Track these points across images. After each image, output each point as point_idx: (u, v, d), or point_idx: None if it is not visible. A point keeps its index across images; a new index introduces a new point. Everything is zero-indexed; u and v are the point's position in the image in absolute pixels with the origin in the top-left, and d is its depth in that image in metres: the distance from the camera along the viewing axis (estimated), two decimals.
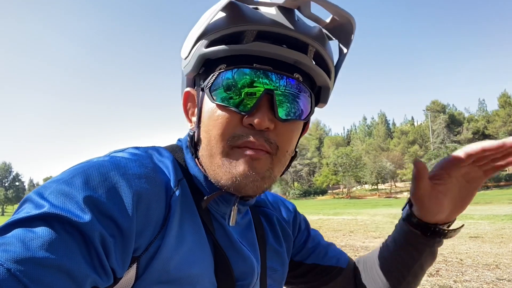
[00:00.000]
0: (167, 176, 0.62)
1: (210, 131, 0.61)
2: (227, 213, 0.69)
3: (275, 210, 0.89)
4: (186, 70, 0.67)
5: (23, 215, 0.46)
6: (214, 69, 0.62)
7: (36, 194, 0.49)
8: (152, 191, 0.56)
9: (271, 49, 0.58)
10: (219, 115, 0.60)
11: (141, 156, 0.61)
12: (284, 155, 0.64)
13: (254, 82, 0.59)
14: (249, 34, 0.59)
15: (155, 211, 0.56)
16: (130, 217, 0.51)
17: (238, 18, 0.59)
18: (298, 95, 0.62)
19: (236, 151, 0.60)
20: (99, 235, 0.47)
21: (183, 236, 0.60)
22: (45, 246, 0.43)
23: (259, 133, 0.59)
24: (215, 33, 0.60)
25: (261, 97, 0.58)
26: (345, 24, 0.64)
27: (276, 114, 0.59)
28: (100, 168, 0.53)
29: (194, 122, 0.68)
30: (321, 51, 0.63)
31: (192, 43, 0.64)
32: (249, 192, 0.62)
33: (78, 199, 0.48)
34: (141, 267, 0.54)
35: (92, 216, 0.47)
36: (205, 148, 0.63)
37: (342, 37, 0.67)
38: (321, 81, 0.66)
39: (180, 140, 0.75)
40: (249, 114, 0.59)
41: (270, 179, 0.63)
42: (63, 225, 0.46)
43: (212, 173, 0.63)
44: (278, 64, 0.60)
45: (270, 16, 0.60)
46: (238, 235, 0.72)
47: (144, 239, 0.54)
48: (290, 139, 0.64)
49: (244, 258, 0.69)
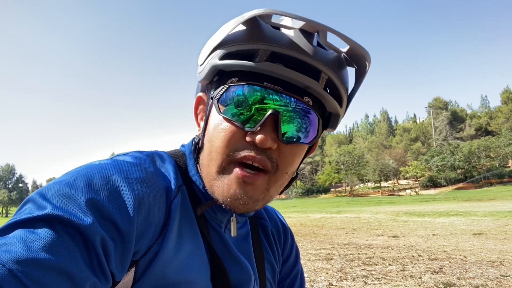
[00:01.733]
0: (168, 181, 0.62)
1: (213, 142, 0.62)
2: (224, 221, 0.70)
3: (272, 224, 0.89)
4: (200, 77, 0.67)
5: (25, 216, 0.46)
6: (225, 80, 0.62)
7: (39, 195, 0.49)
8: (153, 196, 0.56)
9: (281, 71, 0.58)
10: (224, 128, 0.60)
11: (143, 161, 0.61)
12: (283, 176, 0.63)
13: (263, 100, 0.59)
14: (262, 53, 0.59)
15: (156, 215, 0.56)
16: (131, 221, 0.51)
17: (255, 35, 0.59)
18: (305, 118, 0.61)
19: (232, 168, 0.60)
20: (100, 238, 0.47)
21: (181, 242, 0.60)
22: (46, 248, 0.43)
23: (261, 151, 0.59)
24: (231, 46, 0.61)
25: (267, 116, 0.58)
26: (360, 57, 0.64)
27: (279, 135, 0.59)
28: (103, 171, 0.53)
29: (201, 128, 0.68)
30: (334, 79, 0.62)
31: (208, 52, 0.64)
32: (240, 212, 0.62)
33: (80, 201, 0.48)
34: (139, 271, 0.54)
35: (93, 219, 0.48)
36: (205, 157, 0.64)
37: (358, 68, 0.67)
38: (332, 108, 0.65)
39: (183, 146, 0.75)
40: (253, 132, 0.58)
41: (264, 200, 0.62)
42: (64, 227, 0.46)
43: (208, 183, 0.63)
44: (289, 86, 0.59)
45: (288, 38, 0.60)
46: (235, 245, 0.72)
47: (144, 243, 0.54)
48: (291, 161, 0.63)
49: (241, 266, 0.69)
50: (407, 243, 8.44)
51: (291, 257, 0.91)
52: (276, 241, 0.87)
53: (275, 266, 0.83)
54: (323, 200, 49.54)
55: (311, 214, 19.89)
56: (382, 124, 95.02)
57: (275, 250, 0.85)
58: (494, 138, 59.42)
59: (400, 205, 26.01)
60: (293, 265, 0.91)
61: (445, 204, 23.49)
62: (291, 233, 0.94)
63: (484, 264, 5.82)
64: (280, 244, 0.89)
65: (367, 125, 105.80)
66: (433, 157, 59.02)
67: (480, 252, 6.89)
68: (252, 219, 0.83)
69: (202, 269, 0.62)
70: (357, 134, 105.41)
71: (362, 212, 19.41)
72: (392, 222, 13.57)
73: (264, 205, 0.64)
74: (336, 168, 68.77)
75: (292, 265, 0.91)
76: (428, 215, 14.97)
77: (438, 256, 6.63)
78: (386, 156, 68.38)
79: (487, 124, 77.11)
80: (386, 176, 67.10)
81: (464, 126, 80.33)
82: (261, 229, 0.85)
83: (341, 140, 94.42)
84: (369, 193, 60.69)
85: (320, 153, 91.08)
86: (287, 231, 0.92)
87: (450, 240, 8.48)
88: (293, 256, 0.92)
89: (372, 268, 5.90)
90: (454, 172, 57.36)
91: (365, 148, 79.80)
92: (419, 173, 62.17)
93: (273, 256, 0.84)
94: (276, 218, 0.91)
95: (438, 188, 53.25)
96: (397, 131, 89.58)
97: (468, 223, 11.70)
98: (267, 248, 0.83)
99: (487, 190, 41.92)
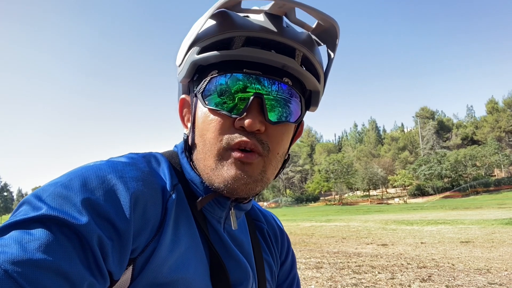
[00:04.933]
0: (163, 180, 0.63)
1: (205, 135, 0.63)
2: (223, 217, 0.70)
3: (268, 226, 0.89)
4: (180, 77, 0.68)
5: (21, 217, 0.46)
6: (206, 75, 0.63)
7: (34, 197, 0.49)
8: (149, 194, 0.57)
9: (259, 53, 0.60)
10: (212, 119, 0.62)
11: (138, 161, 0.62)
12: (275, 157, 0.65)
13: (245, 86, 0.61)
14: (238, 40, 0.61)
15: (152, 213, 0.57)
16: (127, 219, 0.51)
17: (227, 25, 0.61)
18: (288, 98, 0.64)
19: (229, 154, 0.61)
20: (96, 238, 0.47)
21: (178, 239, 0.60)
22: (42, 248, 0.43)
23: (251, 135, 0.61)
24: (206, 40, 0.62)
25: (251, 100, 0.60)
26: (330, 28, 0.66)
27: (266, 116, 0.61)
28: (98, 171, 0.54)
29: (189, 128, 0.69)
30: (309, 56, 0.65)
31: (184, 51, 0.66)
32: (242, 194, 0.62)
33: (76, 201, 0.48)
34: (137, 269, 0.55)
35: (89, 218, 0.48)
36: (200, 151, 0.64)
37: (329, 42, 0.69)
38: (311, 85, 0.67)
39: (176, 146, 0.76)
40: (240, 117, 0.60)
41: (262, 182, 0.64)
42: (60, 227, 0.46)
43: (206, 176, 0.64)
44: (267, 69, 0.62)
45: (258, 22, 0.62)
46: (233, 243, 0.72)
47: (141, 241, 0.55)
48: (281, 141, 0.65)
49: (239, 263, 0.69)
50: (396, 251, 8.47)
51: (288, 261, 0.91)
52: (273, 243, 0.86)
53: (273, 267, 0.84)
54: (312, 209, 49.53)
55: (301, 223, 19.83)
56: (371, 133, 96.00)
57: (273, 252, 0.85)
58: (480, 147, 60.57)
59: (388, 213, 26.18)
60: (290, 269, 0.91)
61: (432, 212, 23.70)
62: (287, 238, 0.94)
63: (472, 272, 5.87)
64: (277, 246, 0.88)
65: (356, 134, 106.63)
66: (421, 166, 59.74)
67: (467, 260, 6.95)
68: (250, 220, 0.83)
69: (200, 267, 0.62)
70: (346, 143, 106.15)
71: (352, 221, 19.46)
72: (381, 230, 13.63)
73: (263, 188, 0.65)
74: (326, 177, 69.03)
75: (288, 269, 0.91)
76: (417, 224, 15.07)
77: (427, 264, 6.67)
78: (375, 165, 68.98)
79: (473, 134, 78.43)
80: (374, 184, 67.68)
81: (451, 136, 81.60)
82: (259, 230, 0.85)
83: (330, 148, 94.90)
84: (358, 201, 61.01)
85: (309, 161, 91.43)
86: (284, 235, 0.92)
87: (438, 248, 8.55)
88: (290, 260, 0.92)
89: (362, 276, 5.91)
90: (441, 180, 58.16)
91: (354, 157, 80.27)
92: (407, 182, 62.83)
93: (271, 257, 0.84)
94: (273, 221, 0.91)
95: (426, 197, 53.87)
96: (385, 140, 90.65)
97: (456, 231, 11.81)
98: (265, 249, 0.83)
99: (473, 199, 42.52)
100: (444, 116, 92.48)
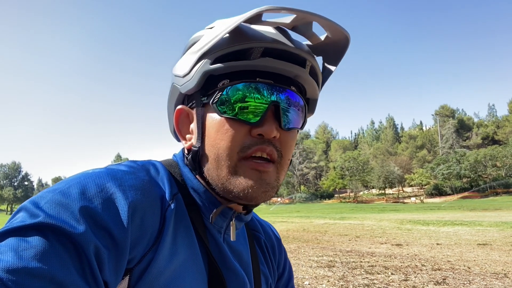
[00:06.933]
0: (162, 189, 0.63)
1: (218, 144, 0.63)
2: (223, 227, 0.70)
3: (266, 236, 0.89)
4: (187, 87, 0.67)
5: (17, 224, 0.46)
6: (215, 85, 0.64)
7: (32, 204, 0.49)
8: (148, 203, 0.57)
9: (277, 64, 0.63)
10: (228, 128, 0.62)
11: (137, 169, 0.62)
12: (286, 163, 0.67)
13: (260, 94, 0.62)
14: (256, 51, 0.62)
15: (150, 223, 0.56)
16: (125, 228, 0.51)
17: (243, 36, 0.63)
18: (296, 105, 0.67)
19: (245, 164, 0.62)
20: (93, 247, 0.47)
21: (176, 250, 0.60)
22: (38, 256, 0.43)
23: (267, 142, 0.62)
24: (220, 51, 0.63)
25: (268, 108, 0.62)
26: (340, 41, 0.69)
27: (281, 123, 0.63)
28: (96, 179, 0.54)
29: (188, 139, 0.70)
30: (316, 66, 0.69)
31: (194, 61, 0.65)
32: (260, 201, 0.64)
33: (74, 209, 0.48)
34: (133, 279, 0.54)
35: (87, 227, 0.47)
36: (212, 162, 0.64)
37: (331, 54, 0.72)
38: (312, 93, 0.71)
39: (175, 156, 0.76)
40: (258, 125, 0.62)
41: (276, 188, 0.66)
42: (57, 235, 0.45)
43: (221, 185, 0.64)
44: (277, 78, 0.64)
45: (271, 34, 0.65)
46: (232, 254, 0.72)
47: (138, 251, 0.54)
48: (291, 146, 0.68)
49: (236, 275, 0.69)
50: (410, 252, 8.35)
51: (285, 274, 0.91)
52: (270, 254, 0.86)
53: (269, 279, 0.83)
54: (326, 206, 49.33)
55: (314, 220, 19.79)
56: (388, 130, 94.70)
57: (269, 264, 0.85)
58: (501, 147, 58.94)
59: (404, 213, 25.82)
60: (287, 283, 0.92)
61: (450, 213, 23.27)
62: (284, 249, 0.94)
63: (488, 276, 5.74)
64: (274, 258, 0.88)
65: (372, 132, 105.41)
66: (439, 165, 58.63)
67: (484, 263, 6.80)
68: (248, 231, 0.83)
69: (198, 278, 0.62)
70: (362, 140, 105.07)
71: (366, 219, 19.27)
72: (396, 230, 13.46)
73: (275, 193, 0.67)
74: (341, 174, 68.49)
75: (286, 282, 0.91)
76: (433, 224, 14.83)
77: (442, 266, 6.56)
78: (391, 163, 68.01)
79: (494, 133, 76.56)
80: (391, 183, 66.73)
81: (471, 135, 79.78)
82: (256, 241, 0.85)
83: (346, 145, 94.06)
84: (373, 199, 60.45)
85: (324, 158, 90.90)
86: (281, 246, 0.92)
87: (454, 250, 8.38)
88: (287, 274, 0.92)
89: (374, 277, 5.85)
90: (459, 180, 56.95)
91: (370, 155, 79.50)
92: (424, 181, 61.83)
93: (268, 269, 0.84)
94: (270, 232, 0.91)
95: (443, 197, 52.93)
96: (403, 138, 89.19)
97: (473, 233, 11.56)
98: (262, 261, 0.83)
99: (493, 200, 41.53)
100: (465, 114, 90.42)
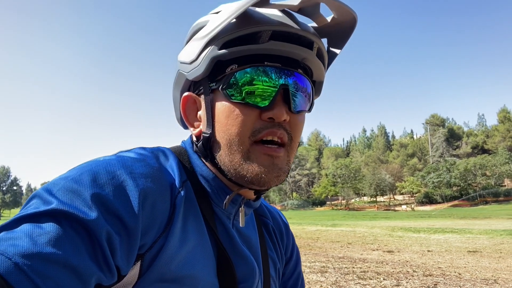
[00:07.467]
0: (172, 176, 0.63)
1: (229, 130, 0.63)
2: (233, 213, 0.71)
3: (274, 222, 0.90)
4: (194, 74, 0.66)
5: (32, 210, 0.47)
6: (224, 70, 0.64)
7: (45, 191, 0.50)
8: (158, 190, 0.57)
9: (286, 47, 0.62)
10: (238, 113, 0.62)
11: (147, 156, 0.63)
12: (295, 146, 0.68)
13: (269, 78, 0.62)
14: (265, 34, 0.61)
15: (160, 210, 0.57)
16: (136, 215, 0.52)
17: (251, 20, 0.62)
18: (304, 88, 0.67)
19: (257, 149, 0.63)
20: (105, 233, 0.48)
21: (186, 236, 0.61)
22: (52, 242, 0.44)
23: (278, 125, 0.63)
24: (228, 35, 0.62)
25: (278, 92, 0.62)
26: (348, 21, 0.68)
27: (290, 107, 0.63)
28: (108, 166, 0.55)
29: (196, 126, 0.70)
30: (322, 48, 0.68)
31: (201, 47, 0.65)
32: (273, 185, 0.64)
33: (86, 196, 0.49)
34: (145, 265, 0.55)
35: (99, 213, 0.48)
36: (224, 148, 0.64)
37: (338, 35, 0.72)
38: (318, 75, 0.71)
39: (184, 142, 0.76)
40: (268, 109, 0.62)
41: (287, 171, 0.66)
42: (70, 222, 0.47)
43: (234, 171, 0.64)
44: (285, 61, 0.64)
45: (279, 17, 0.63)
46: (241, 240, 0.73)
47: (149, 237, 0.55)
48: (300, 129, 0.68)
49: (245, 260, 0.69)
50: (402, 258, 8.42)
51: (293, 258, 0.92)
52: (278, 240, 0.88)
53: (278, 265, 0.84)
54: (318, 213, 49.32)
55: (307, 227, 19.79)
56: (380, 138, 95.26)
57: (277, 249, 0.86)
58: (490, 156, 59.64)
59: (395, 220, 25.96)
60: (295, 267, 0.93)
61: (440, 220, 23.46)
62: (292, 234, 0.95)
63: (479, 282, 5.82)
64: (282, 243, 0.90)
65: (364, 139, 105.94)
66: (429, 173, 59.08)
67: (474, 269, 6.88)
68: (256, 216, 0.84)
69: (207, 264, 0.63)
70: (354, 148, 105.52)
71: (358, 226, 19.33)
72: (388, 237, 13.54)
73: (286, 177, 0.67)
74: (333, 181, 68.61)
75: (293, 267, 0.92)
76: (424, 231, 14.93)
77: (433, 273, 6.62)
78: (383, 171, 68.38)
79: (483, 143, 77.39)
80: (382, 190, 67.06)
81: (461, 144, 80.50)
82: (264, 226, 0.86)
83: (338, 153, 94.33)
84: (365, 207, 60.54)
85: (317, 165, 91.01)
86: (289, 231, 0.93)
87: (445, 257, 8.47)
88: (294, 258, 0.93)
89: (367, 282, 5.88)
90: (450, 189, 57.44)
91: (362, 162, 79.76)
92: (415, 189, 62.16)
93: (276, 254, 0.85)
94: (278, 217, 0.92)
95: (434, 205, 53.23)
96: (394, 146, 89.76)
97: (463, 240, 11.69)
98: (270, 246, 0.84)
99: (482, 208, 41.94)
100: (455, 124, 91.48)
